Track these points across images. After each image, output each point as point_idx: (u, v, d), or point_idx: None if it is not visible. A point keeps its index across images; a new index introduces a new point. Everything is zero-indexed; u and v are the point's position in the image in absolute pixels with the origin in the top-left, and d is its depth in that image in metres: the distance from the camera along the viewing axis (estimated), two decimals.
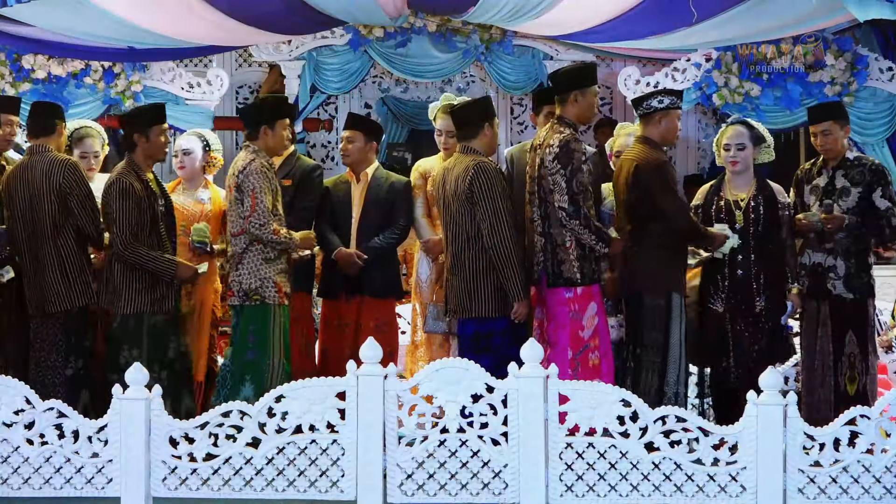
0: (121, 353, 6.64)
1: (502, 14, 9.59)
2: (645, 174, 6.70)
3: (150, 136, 6.79)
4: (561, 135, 6.58)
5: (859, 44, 9.73)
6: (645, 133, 6.88)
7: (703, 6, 8.51)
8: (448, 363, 5.60)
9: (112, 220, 6.68)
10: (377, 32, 10.46)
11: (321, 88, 10.73)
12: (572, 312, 6.57)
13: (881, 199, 6.90)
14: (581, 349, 6.55)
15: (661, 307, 6.68)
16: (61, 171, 6.83)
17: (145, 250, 6.67)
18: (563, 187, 6.51)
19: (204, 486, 5.61)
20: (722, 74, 9.70)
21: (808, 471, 5.54)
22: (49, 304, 6.79)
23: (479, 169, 6.62)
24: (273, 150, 6.92)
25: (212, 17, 9.03)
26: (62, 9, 8.62)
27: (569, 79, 6.78)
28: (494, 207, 6.59)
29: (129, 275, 6.69)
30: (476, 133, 6.77)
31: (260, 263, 6.74)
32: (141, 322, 6.69)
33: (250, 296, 6.72)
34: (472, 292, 6.64)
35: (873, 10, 7.39)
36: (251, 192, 6.68)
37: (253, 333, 6.71)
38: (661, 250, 6.72)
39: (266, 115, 6.88)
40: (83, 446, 5.63)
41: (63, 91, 9.63)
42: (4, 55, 9.51)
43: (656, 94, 6.93)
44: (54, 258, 6.81)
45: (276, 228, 6.71)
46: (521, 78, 10.73)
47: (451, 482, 5.55)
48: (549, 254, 6.61)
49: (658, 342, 6.67)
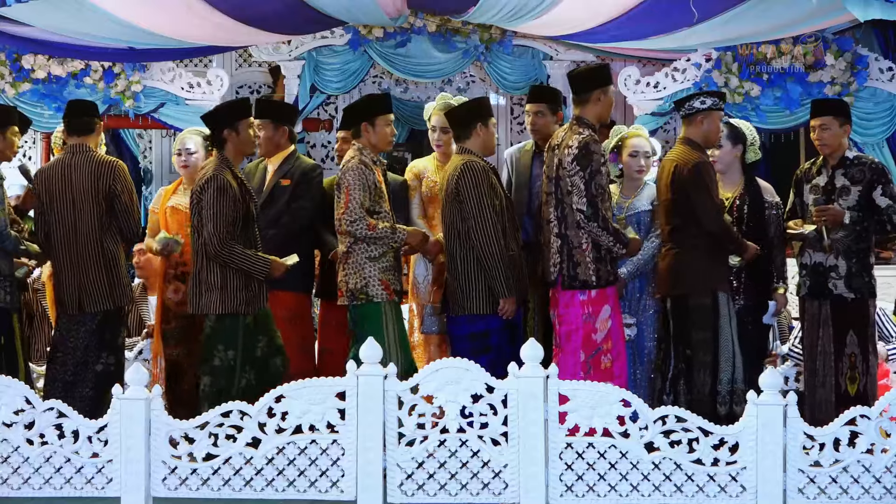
0: (215, 353, 6.50)
1: (502, 14, 9.60)
2: (683, 175, 6.67)
3: (239, 130, 6.67)
4: (580, 136, 6.55)
5: (859, 44, 9.73)
6: (687, 134, 6.83)
7: (703, 6, 8.51)
8: (448, 363, 5.60)
9: (207, 218, 6.49)
10: (377, 32, 10.47)
11: (321, 88, 10.74)
12: (586, 315, 6.54)
13: (881, 196, 6.89)
14: (593, 352, 6.53)
15: (708, 306, 6.62)
16: (111, 173, 6.86)
17: (240, 248, 6.52)
18: (582, 189, 6.49)
19: (204, 486, 5.61)
20: (722, 74, 9.70)
21: (808, 471, 5.54)
22: (90, 303, 6.83)
23: (465, 168, 6.63)
24: (377, 146, 6.81)
25: (212, 17, 9.03)
26: (62, 9, 8.62)
27: (591, 78, 6.76)
28: (480, 206, 6.59)
29: (224, 274, 6.54)
30: (469, 133, 6.77)
31: (364, 262, 6.66)
32: (236, 322, 6.55)
33: (357, 295, 6.65)
34: (464, 290, 6.65)
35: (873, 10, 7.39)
36: (345, 189, 6.62)
37: (367, 333, 6.56)
38: (702, 250, 6.67)
39: (366, 113, 6.82)
40: (83, 446, 5.63)
41: (63, 91, 9.63)
42: (4, 55, 9.52)
43: (698, 96, 6.89)
44: (99, 258, 6.84)
45: (372, 223, 6.60)
46: (521, 78, 10.74)
47: (451, 482, 5.55)
48: (565, 256, 6.58)
49: (707, 341, 6.61)
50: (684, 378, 6.64)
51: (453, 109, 7.01)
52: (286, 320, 7.22)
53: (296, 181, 7.35)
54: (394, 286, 6.70)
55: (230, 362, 6.44)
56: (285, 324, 7.20)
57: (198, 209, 6.56)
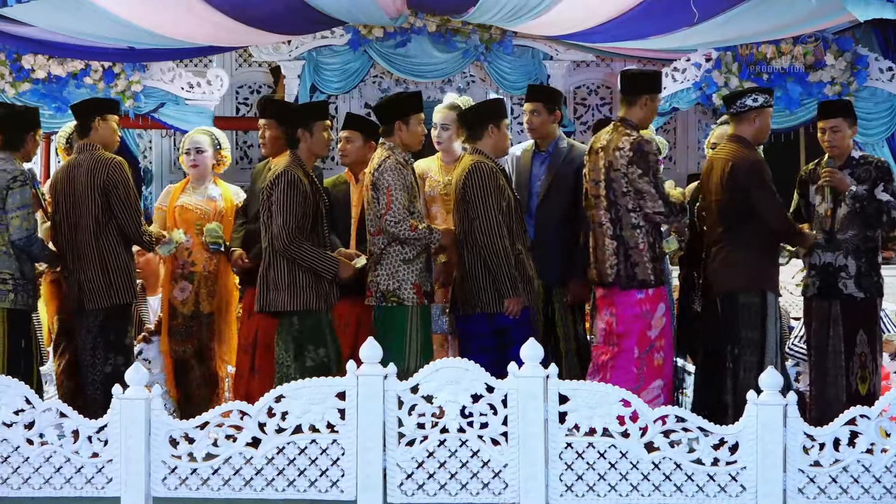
0: (306, 355, 6.47)
1: (502, 14, 9.60)
2: (741, 173, 6.64)
3: (313, 131, 6.68)
4: (630, 137, 6.60)
5: (859, 44, 9.73)
6: (737, 132, 6.80)
7: (703, 6, 8.52)
8: (448, 363, 5.60)
9: (277, 213, 6.47)
10: (377, 32, 10.47)
11: (321, 88, 10.74)
12: (643, 312, 6.59)
13: (882, 192, 6.90)
14: (647, 348, 6.57)
15: (757, 305, 6.63)
16: (105, 168, 6.86)
17: (309, 246, 6.50)
18: (654, 193, 6.52)
19: (204, 486, 5.60)
20: (722, 74, 9.71)
21: (808, 471, 5.53)
22: (87, 301, 6.83)
23: (473, 168, 6.63)
24: (409, 145, 6.80)
25: (212, 17, 9.03)
26: (62, 9, 8.62)
27: (642, 83, 6.80)
28: (485, 206, 6.59)
29: (292, 271, 6.50)
30: (481, 134, 6.76)
31: (398, 265, 6.65)
32: (319, 320, 6.55)
33: (387, 297, 6.64)
34: (475, 288, 6.64)
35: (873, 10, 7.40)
36: (386, 189, 6.59)
37: (390, 335, 6.60)
38: (755, 249, 6.66)
39: (401, 111, 6.80)
40: (83, 446, 5.63)
41: (63, 91, 9.64)
42: (4, 55, 9.52)
43: (749, 93, 6.87)
44: (95, 255, 6.84)
45: (414, 224, 6.60)
46: (521, 78, 10.74)
47: (451, 482, 5.54)
48: (622, 257, 6.61)
49: (754, 341, 6.61)
50: (731, 378, 6.61)
51: (467, 110, 7.01)
52: None
53: None
54: (424, 288, 6.70)
55: (323, 360, 6.39)
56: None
57: (267, 205, 6.54)
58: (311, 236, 6.54)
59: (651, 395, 6.51)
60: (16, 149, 6.87)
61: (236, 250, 7.21)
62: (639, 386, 6.50)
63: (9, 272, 6.72)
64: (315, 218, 6.57)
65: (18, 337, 6.76)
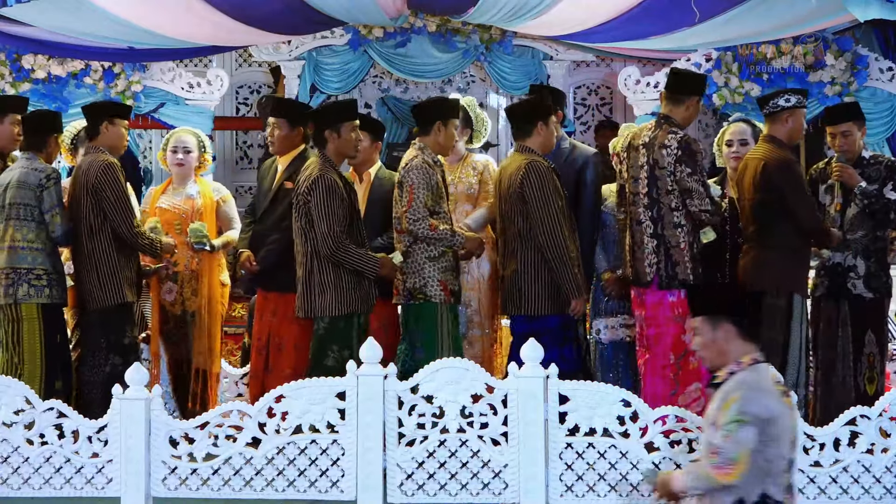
0: (329, 353, 6.44)
1: (502, 14, 9.60)
2: (775, 173, 6.60)
3: (341, 132, 6.67)
4: (676, 135, 6.56)
5: (859, 44, 9.73)
6: (771, 132, 6.77)
7: (703, 6, 8.52)
8: (448, 363, 5.60)
9: (318, 219, 6.45)
10: (377, 32, 10.47)
11: (321, 88, 10.74)
12: (676, 316, 6.53)
13: (892, 191, 6.89)
14: (682, 353, 6.51)
15: (782, 307, 6.58)
16: (96, 171, 6.88)
17: (354, 248, 6.50)
18: (702, 192, 6.50)
19: (204, 486, 5.61)
20: (722, 74, 9.70)
21: (808, 471, 5.54)
22: (87, 302, 6.90)
23: (530, 168, 6.60)
24: (442, 149, 6.82)
25: (212, 17, 9.03)
26: (62, 9, 8.62)
27: (689, 84, 6.79)
28: (546, 206, 6.56)
29: (337, 274, 6.50)
30: (530, 132, 6.75)
31: (423, 262, 6.64)
32: (351, 322, 6.53)
33: (414, 294, 6.63)
34: (522, 289, 6.62)
35: (873, 10, 7.39)
36: (409, 188, 6.61)
37: (420, 332, 6.62)
38: (785, 250, 6.62)
39: (441, 114, 6.81)
40: (83, 446, 5.63)
41: (63, 91, 9.63)
42: (4, 55, 9.52)
43: (783, 93, 6.85)
44: (87, 257, 6.89)
45: (434, 224, 6.59)
46: (521, 78, 10.74)
47: (451, 482, 5.55)
48: (663, 256, 6.57)
49: (777, 342, 6.55)
50: None
51: (513, 108, 7.01)
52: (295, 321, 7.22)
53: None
54: (451, 287, 6.68)
55: (345, 362, 6.40)
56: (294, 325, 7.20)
57: (304, 210, 6.52)
58: (349, 235, 6.54)
59: (689, 398, 6.45)
60: (38, 150, 6.95)
61: (244, 252, 7.19)
62: (675, 391, 6.47)
63: (43, 268, 6.80)
64: (351, 218, 6.58)
65: (54, 331, 6.84)
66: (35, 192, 6.78)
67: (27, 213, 6.80)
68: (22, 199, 6.79)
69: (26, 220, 6.80)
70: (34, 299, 6.75)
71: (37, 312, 6.77)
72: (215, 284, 7.53)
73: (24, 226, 6.80)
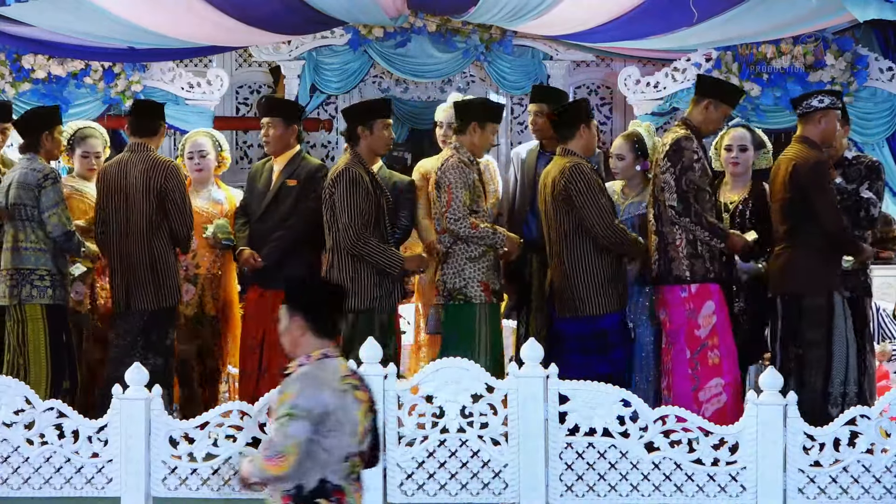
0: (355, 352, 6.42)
1: (502, 14, 9.59)
2: (803, 173, 6.60)
3: (373, 129, 6.70)
4: (675, 134, 6.65)
5: (859, 44, 9.72)
6: (804, 133, 6.78)
7: (703, 6, 8.51)
8: (448, 363, 5.60)
9: (341, 211, 6.50)
10: (377, 32, 10.46)
11: (321, 88, 10.73)
12: (688, 311, 6.58)
13: (866, 190, 6.90)
14: (698, 348, 6.53)
15: (822, 306, 6.57)
16: (163, 172, 6.90)
17: (376, 242, 6.53)
18: (672, 185, 6.55)
19: (204, 486, 5.61)
20: (722, 74, 9.68)
21: (808, 471, 5.54)
22: (136, 301, 6.87)
23: (575, 170, 6.61)
24: (476, 149, 6.83)
25: (212, 17, 9.02)
26: (62, 9, 8.61)
27: (714, 88, 6.84)
28: (596, 204, 6.57)
29: (357, 270, 6.54)
30: (573, 134, 6.76)
31: (464, 263, 6.66)
32: (371, 318, 6.56)
33: (454, 295, 6.65)
34: (574, 291, 6.61)
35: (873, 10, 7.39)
36: (447, 188, 6.62)
37: (458, 332, 6.62)
38: (818, 250, 6.60)
39: (479, 115, 6.82)
40: (83, 446, 5.64)
41: (63, 91, 9.62)
42: (4, 55, 9.50)
43: (816, 94, 6.88)
44: (146, 257, 6.87)
45: (475, 223, 6.61)
46: (521, 78, 10.72)
47: (451, 482, 5.55)
48: (662, 252, 6.63)
49: (820, 341, 6.54)
50: (795, 378, 6.53)
51: (559, 110, 7.02)
52: None
53: (302, 181, 7.34)
54: (493, 286, 6.69)
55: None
56: None
57: (329, 204, 6.56)
58: (374, 233, 6.55)
59: (709, 394, 6.47)
60: (35, 150, 6.94)
61: (245, 249, 7.20)
62: (695, 387, 6.48)
63: (46, 269, 6.80)
64: (377, 215, 6.59)
65: (59, 332, 6.84)
66: (34, 192, 6.78)
67: (28, 214, 6.80)
68: (22, 200, 6.80)
69: (28, 220, 6.81)
70: (37, 300, 6.76)
71: (41, 313, 6.77)
72: (233, 287, 7.54)
73: (27, 226, 6.81)
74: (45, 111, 7.28)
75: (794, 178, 6.62)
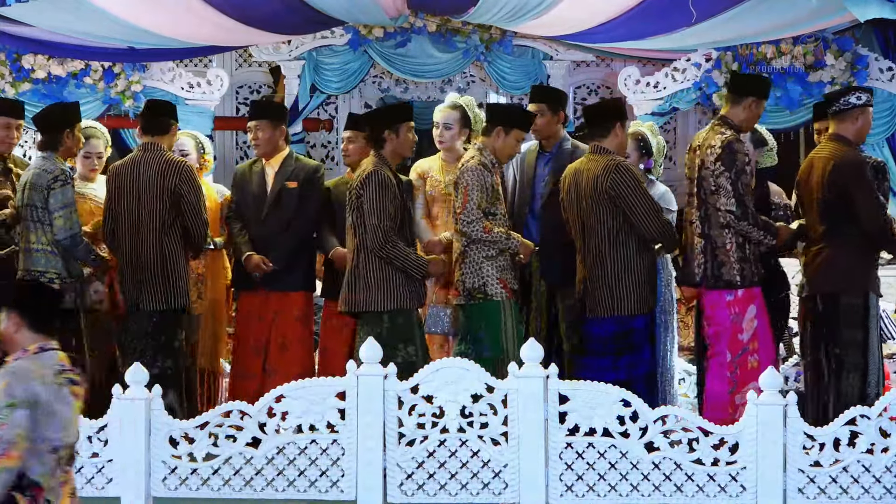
0: (397, 352, 6.37)
1: (502, 14, 9.59)
2: (844, 172, 6.53)
3: (399, 132, 6.69)
4: (723, 136, 6.54)
5: (859, 44, 9.72)
6: (838, 130, 6.69)
7: (703, 6, 8.51)
8: (448, 363, 5.61)
9: (369, 214, 6.48)
10: (377, 32, 10.46)
11: (321, 88, 10.73)
12: (733, 315, 6.52)
13: None
14: (740, 352, 6.49)
15: (859, 307, 6.51)
16: (177, 172, 6.87)
17: (403, 245, 6.52)
18: (730, 190, 6.47)
19: (204, 486, 5.61)
20: (722, 74, 9.69)
21: (808, 471, 5.54)
22: (146, 301, 6.83)
23: (620, 169, 6.59)
24: (500, 153, 6.78)
25: (212, 17, 9.03)
26: (62, 9, 8.61)
27: (750, 85, 6.76)
28: (643, 200, 6.55)
29: (384, 270, 6.51)
30: (608, 132, 6.72)
31: (481, 262, 6.62)
32: (410, 317, 6.56)
33: (474, 294, 6.62)
34: (613, 290, 6.59)
35: (873, 10, 7.39)
36: (464, 189, 6.60)
37: (483, 330, 6.59)
38: (857, 250, 6.55)
39: (506, 120, 6.81)
40: (83, 446, 5.63)
41: (63, 91, 9.61)
42: (4, 55, 9.50)
43: (853, 91, 6.81)
44: (158, 257, 6.84)
45: (488, 226, 6.58)
46: (521, 78, 10.72)
47: (451, 482, 5.55)
48: (709, 256, 6.56)
49: (858, 342, 6.49)
50: (833, 379, 6.51)
51: (591, 108, 7.01)
52: (299, 320, 7.25)
53: (302, 183, 7.35)
54: (511, 285, 6.68)
55: (412, 358, 6.37)
56: (298, 324, 7.22)
57: (356, 205, 6.54)
58: (400, 235, 6.55)
59: (745, 397, 6.38)
60: (54, 148, 6.91)
61: (253, 255, 7.18)
62: (732, 390, 6.44)
63: (55, 272, 6.78)
64: (403, 217, 6.60)
65: (69, 336, 6.75)
66: (43, 193, 6.76)
67: (38, 216, 6.79)
68: (32, 201, 6.79)
69: (39, 222, 6.80)
70: None
71: None
72: (220, 287, 7.53)
73: (37, 228, 6.81)
74: (65, 108, 7.25)
75: (833, 176, 6.53)
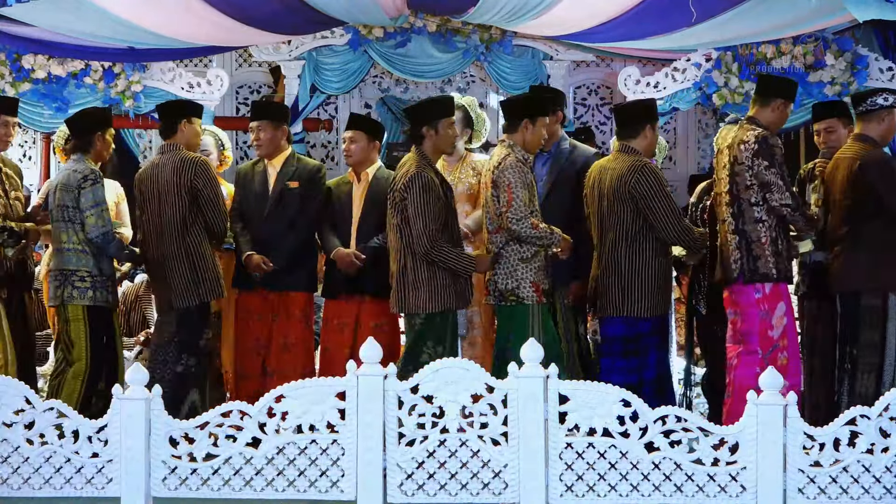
0: (424, 350, 6.48)
1: (502, 14, 9.60)
2: (871, 171, 6.57)
3: (438, 128, 6.71)
4: (755, 131, 6.58)
5: (859, 44, 9.72)
6: (864, 131, 6.74)
7: (702, 6, 8.51)
8: (448, 363, 5.60)
9: (414, 217, 6.52)
10: (377, 32, 10.47)
11: (321, 88, 10.74)
12: (762, 312, 6.57)
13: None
14: (770, 349, 6.54)
15: (879, 307, 6.57)
16: (192, 168, 6.96)
17: (449, 247, 6.55)
18: (781, 185, 6.51)
19: (204, 486, 5.61)
20: (722, 74, 9.70)
21: (808, 471, 5.54)
22: (177, 299, 6.93)
23: (643, 170, 6.63)
24: (530, 146, 6.79)
25: (212, 17, 9.03)
26: (62, 9, 8.62)
27: (777, 88, 6.78)
28: (664, 203, 6.60)
29: (431, 271, 6.56)
30: (637, 133, 6.76)
31: (516, 263, 6.65)
32: (447, 318, 6.61)
33: (506, 296, 6.65)
34: (625, 291, 6.61)
35: (873, 10, 7.39)
36: (507, 187, 6.59)
37: (513, 333, 6.62)
38: (880, 250, 6.59)
39: (529, 110, 6.78)
40: (83, 446, 5.63)
41: (63, 91, 9.62)
42: (4, 55, 9.51)
43: (880, 92, 6.85)
44: (182, 253, 6.93)
45: (535, 223, 6.60)
46: (521, 78, 10.73)
47: (451, 482, 5.55)
48: (745, 251, 6.59)
49: (875, 342, 6.55)
50: (848, 379, 6.56)
51: (622, 108, 7.01)
52: (300, 320, 7.25)
53: (303, 183, 7.36)
54: (543, 287, 6.69)
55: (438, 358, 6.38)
56: (300, 323, 7.23)
57: (401, 207, 6.56)
58: (444, 234, 6.57)
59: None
60: (86, 151, 7.06)
61: (253, 254, 7.19)
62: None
63: (86, 270, 6.90)
64: (447, 216, 6.62)
65: (100, 333, 6.94)
66: (74, 193, 6.89)
67: (70, 215, 6.93)
68: (64, 201, 6.94)
69: (70, 221, 6.94)
70: (78, 301, 6.89)
71: (82, 314, 6.90)
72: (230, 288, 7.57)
73: (70, 228, 6.95)
74: (97, 112, 7.45)
75: (861, 177, 6.57)
